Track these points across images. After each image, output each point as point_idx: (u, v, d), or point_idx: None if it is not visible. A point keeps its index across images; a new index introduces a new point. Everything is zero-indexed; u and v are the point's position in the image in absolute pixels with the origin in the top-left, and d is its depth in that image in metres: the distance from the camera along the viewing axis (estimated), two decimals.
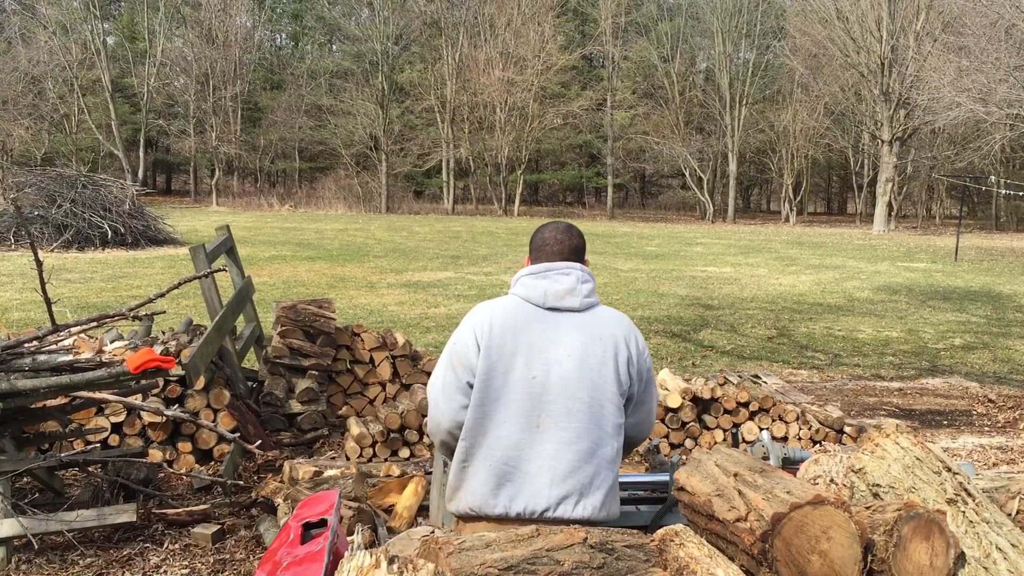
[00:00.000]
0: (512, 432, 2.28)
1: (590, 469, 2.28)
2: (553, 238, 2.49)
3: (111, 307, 9.24)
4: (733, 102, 41.65)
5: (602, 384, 2.32)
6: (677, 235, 28.43)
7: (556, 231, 2.51)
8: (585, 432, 2.30)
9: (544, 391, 2.29)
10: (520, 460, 2.27)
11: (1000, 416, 6.47)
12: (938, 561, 1.73)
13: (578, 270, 2.43)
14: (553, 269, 2.41)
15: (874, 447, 2.08)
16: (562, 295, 2.38)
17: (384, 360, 5.68)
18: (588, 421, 2.30)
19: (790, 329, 10.11)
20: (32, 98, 36.47)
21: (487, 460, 2.28)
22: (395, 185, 42.01)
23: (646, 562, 1.74)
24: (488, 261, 17.25)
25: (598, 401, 2.31)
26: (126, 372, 3.38)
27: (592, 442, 2.30)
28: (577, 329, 2.35)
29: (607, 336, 2.36)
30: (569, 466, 2.27)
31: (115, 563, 3.51)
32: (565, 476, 2.26)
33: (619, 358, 2.35)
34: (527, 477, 2.26)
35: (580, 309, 2.38)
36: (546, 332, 2.34)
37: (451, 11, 41.75)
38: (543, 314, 2.37)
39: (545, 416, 2.29)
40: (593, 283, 2.45)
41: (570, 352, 2.31)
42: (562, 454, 2.27)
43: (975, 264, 20.26)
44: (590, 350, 2.33)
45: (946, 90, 21.91)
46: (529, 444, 2.28)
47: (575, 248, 2.49)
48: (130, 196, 19.24)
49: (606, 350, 2.34)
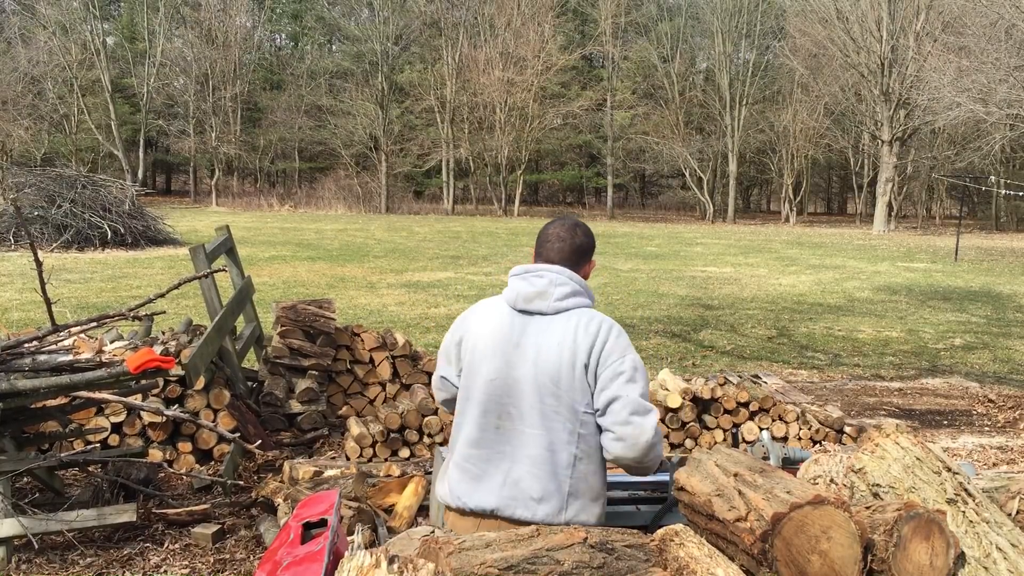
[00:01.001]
0: (474, 431, 2.37)
1: (541, 474, 2.28)
2: (555, 235, 2.46)
3: (111, 307, 9.24)
4: (733, 102, 41.65)
5: (557, 391, 2.28)
6: (677, 235, 28.43)
7: (560, 228, 2.48)
8: (538, 437, 2.29)
9: (503, 393, 2.34)
10: (479, 459, 2.35)
11: (1000, 416, 6.47)
12: (938, 561, 1.73)
13: (554, 273, 2.38)
14: (531, 271, 2.40)
15: (874, 447, 2.08)
16: (531, 298, 2.36)
17: (384, 360, 5.68)
18: (541, 427, 2.29)
19: (790, 329, 10.11)
20: (32, 98, 36.50)
21: (457, 455, 2.41)
22: (395, 185, 42.01)
23: (646, 562, 1.74)
24: (488, 261, 17.25)
25: (552, 408, 2.29)
26: (126, 372, 3.38)
27: (545, 448, 2.29)
28: (541, 334, 2.33)
29: (567, 343, 2.30)
30: (521, 469, 2.30)
31: (115, 563, 3.51)
32: (517, 479, 2.30)
33: (576, 366, 2.28)
34: (484, 476, 2.34)
35: (549, 312, 2.35)
36: (512, 335, 2.36)
37: (451, 11, 41.75)
38: (513, 316, 2.38)
39: (504, 418, 2.34)
40: (573, 286, 2.37)
41: (528, 357, 2.32)
42: (516, 456, 2.31)
43: (975, 264, 20.26)
44: (549, 357, 2.30)
45: (946, 90, 21.91)
46: (488, 444, 2.35)
47: (577, 247, 2.44)
48: (130, 196, 19.24)
49: (563, 358, 2.29)
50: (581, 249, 2.46)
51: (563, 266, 2.42)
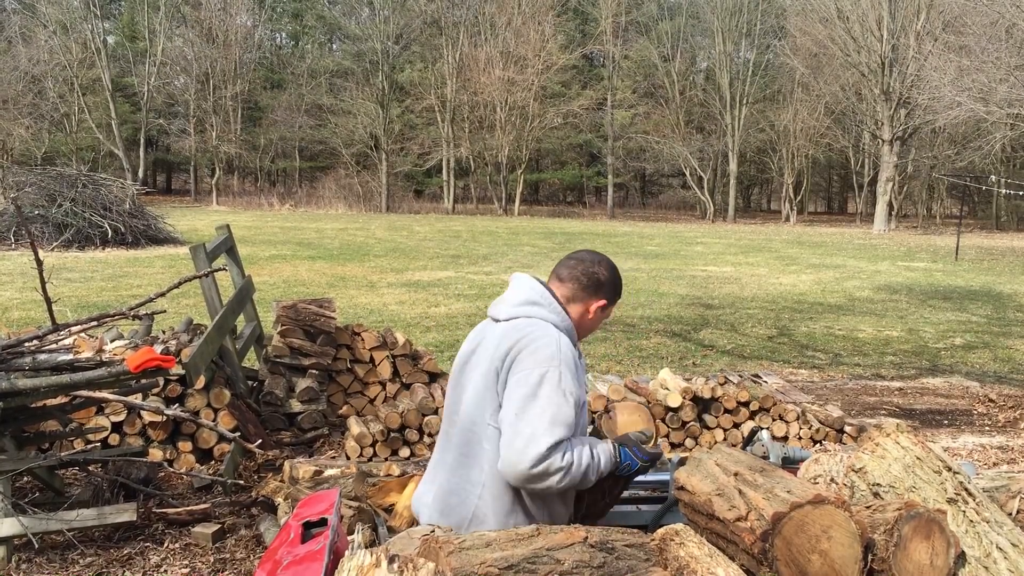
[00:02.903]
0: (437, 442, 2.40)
1: (461, 495, 2.20)
2: (577, 255, 2.36)
3: (111, 306, 9.24)
4: (733, 101, 41.65)
5: (481, 401, 2.17)
6: (677, 234, 28.43)
7: (585, 252, 2.37)
8: (455, 447, 2.23)
9: (452, 403, 2.33)
10: (431, 466, 2.38)
11: (1000, 416, 6.47)
12: (938, 560, 1.73)
13: (520, 281, 2.29)
14: (512, 279, 2.35)
15: (874, 446, 2.08)
16: (495, 304, 2.31)
17: (384, 359, 5.68)
18: (462, 436, 2.21)
19: (790, 328, 10.11)
20: (32, 97, 36.49)
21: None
22: (395, 184, 42.02)
23: (646, 561, 1.74)
24: (488, 261, 17.25)
25: (471, 417, 2.19)
26: (126, 371, 3.38)
27: (456, 457, 2.21)
28: (487, 341, 2.25)
29: (491, 347, 2.17)
30: (444, 490, 2.24)
31: (115, 562, 3.51)
32: (443, 499, 2.23)
33: (492, 370, 2.15)
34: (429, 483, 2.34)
35: (502, 319, 2.25)
36: (472, 343, 2.34)
37: (451, 10, 41.74)
38: (484, 325, 2.36)
39: (450, 426, 2.32)
40: (531, 295, 2.23)
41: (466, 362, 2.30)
42: (442, 476, 2.27)
43: (975, 263, 20.25)
44: (476, 361, 2.23)
45: (946, 89, 21.89)
46: (438, 449, 2.36)
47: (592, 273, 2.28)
48: (130, 195, 19.24)
49: (482, 362, 2.20)
50: (595, 277, 2.29)
51: (570, 285, 2.29)
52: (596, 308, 2.31)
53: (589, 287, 2.29)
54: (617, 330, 9.46)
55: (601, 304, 2.31)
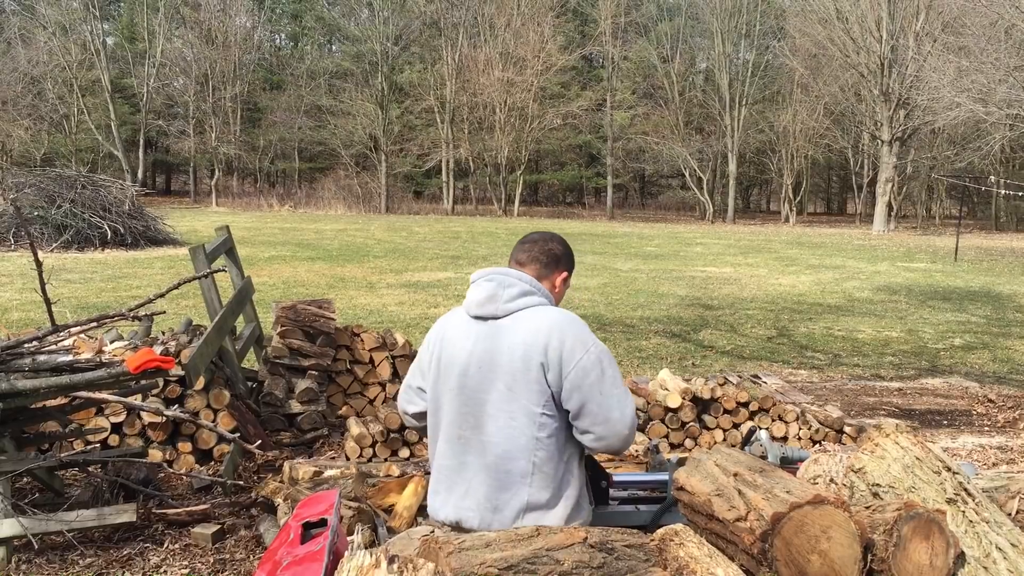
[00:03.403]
0: (443, 444, 2.37)
1: (496, 484, 2.23)
2: (529, 238, 2.48)
3: (111, 307, 9.24)
4: (733, 102, 41.67)
5: (513, 397, 2.22)
6: (677, 235, 28.44)
7: (535, 234, 2.49)
8: (493, 446, 2.25)
9: (463, 404, 2.30)
10: (447, 470, 2.34)
11: (1000, 416, 6.47)
12: (938, 561, 1.73)
13: (502, 275, 2.34)
14: (484, 275, 2.37)
15: (874, 447, 2.08)
16: (482, 303, 2.32)
17: (384, 360, 5.68)
18: (498, 434, 2.24)
19: (790, 329, 10.11)
20: (32, 98, 36.51)
21: (434, 470, 2.41)
22: (395, 185, 42.03)
23: (646, 561, 1.74)
24: (488, 261, 17.25)
25: (509, 413, 2.23)
26: (126, 372, 3.38)
27: (499, 456, 2.23)
28: (490, 338, 2.28)
29: (517, 344, 2.23)
30: (479, 481, 2.26)
31: (115, 563, 3.51)
32: (475, 490, 2.26)
33: (531, 366, 2.20)
34: (450, 487, 2.33)
35: (500, 316, 2.29)
36: (466, 342, 2.32)
37: (451, 11, 41.76)
38: (469, 324, 2.35)
39: (465, 428, 2.30)
40: (522, 286, 2.31)
41: (481, 364, 2.27)
42: (475, 467, 2.28)
43: (975, 264, 20.26)
44: (502, 362, 2.24)
45: (946, 90, 21.91)
46: (453, 455, 2.33)
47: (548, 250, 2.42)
48: (130, 196, 19.24)
49: (515, 361, 2.22)
50: (552, 253, 2.43)
51: (532, 267, 2.40)
52: (559, 281, 2.46)
53: (550, 263, 2.43)
54: (616, 331, 9.47)
55: (564, 276, 2.47)
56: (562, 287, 2.47)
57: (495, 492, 2.24)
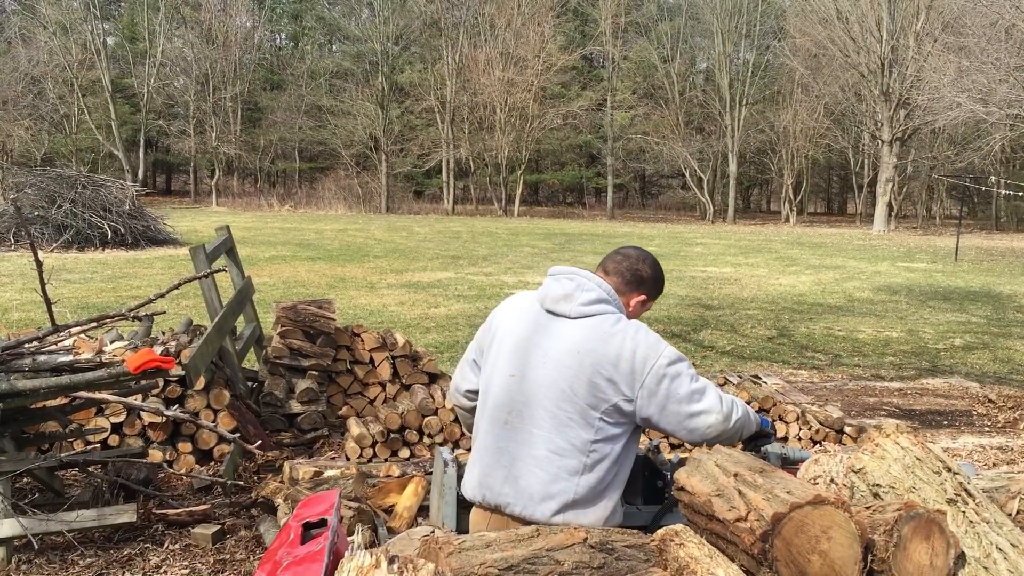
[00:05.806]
0: (487, 424, 2.39)
1: (544, 477, 2.27)
2: (624, 251, 2.51)
3: (111, 307, 9.24)
4: (733, 102, 41.66)
5: (572, 397, 2.26)
6: (677, 235, 28.43)
7: (632, 248, 2.52)
8: (545, 440, 2.28)
9: (518, 391, 2.33)
10: (487, 452, 2.37)
11: (1000, 416, 6.47)
12: (938, 561, 1.73)
13: (584, 278, 2.37)
14: (564, 273, 2.41)
15: (874, 447, 2.08)
16: (557, 300, 2.36)
17: (384, 360, 5.68)
18: (550, 430, 2.27)
19: (790, 329, 10.11)
20: (32, 98, 36.50)
21: (475, 448, 2.43)
22: (395, 185, 42.03)
23: (646, 562, 1.74)
24: (488, 261, 17.25)
25: (566, 412, 2.26)
26: (126, 372, 3.38)
27: (551, 451, 2.27)
28: (561, 338, 2.31)
29: (586, 351, 2.27)
30: (523, 469, 2.29)
31: (115, 563, 3.51)
32: (518, 477, 2.29)
33: (595, 376, 2.25)
34: (490, 470, 2.35)
35: (572, 316, 2.33)
36: (535, 334, 2.35)
37: (451, 11, 41.76)
38: (541, 316, 2.38)
39: (514, 415, 2.33)
40: (600, 293, 2.35)
41: (546, 359, 2.30)
42: (519, 455, 2.31)
43: (975, 264, 20.26)
44: (566, 361, 2.27)
45: (946, 90, 21.90)
46: (496, 439, 2.35)
47: (635, 270, 2.45)
48: (130, 196, 19.24)
49: (582, 364, 2.26)
50: (638, 274, 2.46)
51: (615, 279, 2.43)
52: (636, 302, 2.49)
53: (632, 282, 2.45)
54: None
55: (641, 299, 2.49)
56: (637, 308, 2.49)
57: (543, 485, 2.27)
